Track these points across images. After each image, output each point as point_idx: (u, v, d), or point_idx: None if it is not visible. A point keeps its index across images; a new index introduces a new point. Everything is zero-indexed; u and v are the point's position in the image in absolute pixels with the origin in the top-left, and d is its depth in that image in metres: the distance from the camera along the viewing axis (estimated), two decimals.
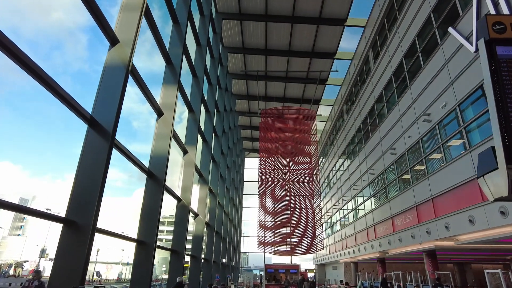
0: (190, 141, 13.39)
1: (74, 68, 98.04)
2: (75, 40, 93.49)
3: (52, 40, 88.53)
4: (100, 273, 31.21)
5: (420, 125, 12.74)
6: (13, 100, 71.78)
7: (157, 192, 9.21)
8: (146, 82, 8.58)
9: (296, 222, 22.82)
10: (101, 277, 32.79)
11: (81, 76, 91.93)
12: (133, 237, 8.64)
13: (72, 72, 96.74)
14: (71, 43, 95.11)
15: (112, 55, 7.02)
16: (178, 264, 11.52)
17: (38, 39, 65.09)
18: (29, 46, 15.96)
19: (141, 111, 61.69)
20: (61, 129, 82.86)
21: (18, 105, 75.05)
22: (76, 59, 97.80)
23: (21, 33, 16.53)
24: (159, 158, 9.62)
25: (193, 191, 16.39)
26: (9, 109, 75.29)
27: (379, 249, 17.36)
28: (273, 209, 23.16)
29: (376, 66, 18.30)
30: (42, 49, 79.46)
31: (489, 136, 8.87)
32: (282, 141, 24.99)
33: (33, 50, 75.19)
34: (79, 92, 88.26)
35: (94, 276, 31.49)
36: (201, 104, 14.43)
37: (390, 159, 15.74)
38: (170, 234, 71.10)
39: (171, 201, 12.02)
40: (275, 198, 23.28)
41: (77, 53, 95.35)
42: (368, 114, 19.47)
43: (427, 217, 12.13)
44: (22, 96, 76.38)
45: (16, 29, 13.04)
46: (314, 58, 23.75)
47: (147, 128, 24.72)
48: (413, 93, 13.56)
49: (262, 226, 22.33)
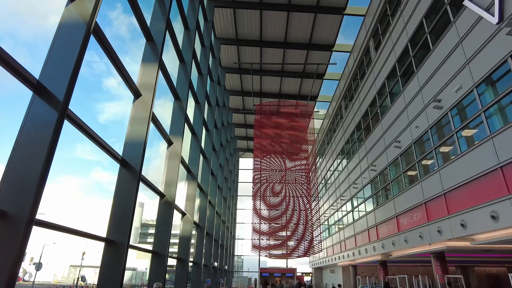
0: (176, 131, 12.07)
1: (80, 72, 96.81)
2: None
3: (49, 43, 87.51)
4: (86, 277, 29.58)
5: (429, 113, 11.59)
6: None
7: (132, 183, 7.88)
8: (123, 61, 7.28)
9: (292, 223, 21.54)
10: (87, 282, 31.17)
11: (81, 81, 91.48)
12: (101, 236, 7.30)
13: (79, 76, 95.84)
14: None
15: (70, 10, 5.74)
16: (160, 267, 10.16)
17: (36, 41, 63.70)
18: (27, 48, 15.10)
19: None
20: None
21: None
22: (85, 64, 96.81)
23: (19, 36, 16.06)
24: (135, 145, 8.29)
25: (180, 188, 15.11)
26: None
27: (381, 251, 16.12)
28: (268, 210, 21.86)
29: (377, 55, 17.21)
30: (40, 52, 78.27)
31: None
32: (278, 138, 23.75)
33: (31, 52, 74.13)
34: (80, 96, 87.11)
35: (79, 281, 29.82)
36: (188, 91, 13.14)
37: (394, 153, 14.56)
38: None
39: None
40: (268, 203, 21.98)
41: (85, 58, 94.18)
42: (369, 107, 18.33)
43: (438, 215, 10.93)
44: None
45: (14, 32, 12.40)
46: (312, 51, 22.63)
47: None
48: (420, 79, 12.42)
49: (257, 230, 20.99)
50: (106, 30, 6.75)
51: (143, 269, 45.68)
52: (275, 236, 21.05)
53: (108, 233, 7.34)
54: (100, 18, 6.36)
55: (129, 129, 8.48)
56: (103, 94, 62.60)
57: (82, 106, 5.71)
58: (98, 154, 36.32)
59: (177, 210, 13.05)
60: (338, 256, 25.21)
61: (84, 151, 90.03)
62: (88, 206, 72.45)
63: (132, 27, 9.84)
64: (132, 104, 8.82)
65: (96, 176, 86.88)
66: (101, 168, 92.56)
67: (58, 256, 42.30)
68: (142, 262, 45.87)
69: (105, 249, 7.23)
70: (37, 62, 5.42)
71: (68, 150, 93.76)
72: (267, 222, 21.12)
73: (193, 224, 14.13)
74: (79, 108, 5.90)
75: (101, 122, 63.64)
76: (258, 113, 23.91)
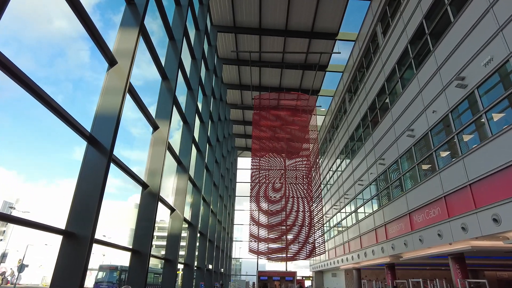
0: (162, 114, 10.67)
1: (76, 75, 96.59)
2: (77, 48, 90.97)
3: (54, 47, 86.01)
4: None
5: (450, 94, 10.21)
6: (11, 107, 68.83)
7: (100, 164, 6.46)
8: None
9: (293, 222, 20.07)
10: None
11: (83, 84, 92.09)
12: (60, 228, 5.87)
13: (74, 79, 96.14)
14: (73, 50, 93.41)
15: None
16: (140, 268, 8.70)
17: (41, 46, 63.01)
18: (32, 52, 14.39)
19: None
20: (57, 134, 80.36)
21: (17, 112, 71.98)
22: (78, 66, 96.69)
23: (24, 40, 15.44)
24: (106, 119, 6.88)
25: (168, 182, 13.69)
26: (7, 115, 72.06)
27: (391, 252, 14.66)
28: (266, 210, 20.41)
29: (385, 41, 15.88)
30: (44, 57, 77.17)
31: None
32: (278, 132, 22.35)
33: (35, 56, 72.93)
34: (80, 98, 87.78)
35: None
36: (178, 71, 11.75)
37: (407, 144, 13.16)
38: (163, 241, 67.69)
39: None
40: (268, 203, 20.55)
41: (79, 60, 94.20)
42: (377, 97, 16.96)
43: (462, 209, 9.51)
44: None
45: (18, 35, 11.89)
46: (314, 39, 21.32)
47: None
48: (438, 58, 11.06)
49: (254, 236, 19.53)
50: None
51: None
52: (274, 240, 19.63)
53: (67, 224, 5.91)
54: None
55: (100, 101, 7.07)
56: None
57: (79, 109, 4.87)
58: None
59: (165, 205, 11.62)
60: (341, 259, 23.70)
61: (82, 153, 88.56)
62: None
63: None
64: (105, 73, 7.43)
65: None
66: None
67: (52, 258, 40.65)
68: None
69: (63, 243, 5.80)
70: (42, 66, 5.73)
71: (67, 152, 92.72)
72: (265, 228, 19.72)
73: (183, 221, 12.66)
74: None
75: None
76: (257, 108, 22.54)
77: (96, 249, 45.25)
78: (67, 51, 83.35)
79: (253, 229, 19.79)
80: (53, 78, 79.83)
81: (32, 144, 73.09)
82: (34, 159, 79.68)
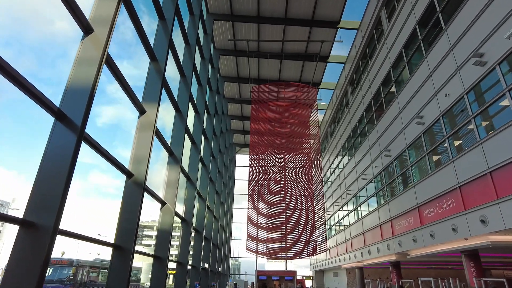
0: (150, 96, 9.73)
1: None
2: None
3: (57, 48, 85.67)
4: None
5: (466, 74, 9.29)
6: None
7: (69, 143, 5.52)
8: None
9: (292, 220, 19.16)
10: None
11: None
12: (17, 217, 4.93)
13: None
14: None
15: None
16: (123, 264, 7.77)
17: (42, 46, 62.06)
18: (34, 53, 13.91)
19: None
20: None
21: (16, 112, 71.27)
22: None
23: (25, 41, 15.16)
24: (78, 92, 5.96)
25: (159, 176, 12.80)
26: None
27: (398, 249, 13.74)
28: (266, 209, 19.50)
29: (391, 25, 14.97)
30: (47, 57, 76.65)
31: None
32: (278, 124, 21.45)
33: (38, 58, 72.19)
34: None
35: None
36: (168, 52, 10.82)
37: (415, 132, 12.25)
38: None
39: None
40: (266, 200, 19.63)
41: None
42: (382, 85, 16.04)
43: (480, 200, 8.59)
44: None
45: (19, 36, 11.52)
46: (315, 28, 20.39)
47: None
48: (451, 36, 10.14)
49: (254, 238, 18.63)
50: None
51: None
52: (274, 240, 18.74)
53: (28, 213, 4.97)
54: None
55: (72, 73, 6.14)
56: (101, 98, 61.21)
57: None
58: (95, 158, 34.73)
59: (154, 198, 10.69)
60: (344, 257, 22.78)
61: (81, 154, 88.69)
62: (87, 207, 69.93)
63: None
64: (80, 42, 6.50)
65: (93, 179, 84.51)
66: (99, 171, 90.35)
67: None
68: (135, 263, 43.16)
69: (19, 234, 4.86)
70: (44, 66, 5.55)
71: None
72: (263, 230, 18.83)
73: (174, 215, 11.72)
74: None
75: (99, 126, 61.60)
76: (255, 101, 21.62)
77: (91, 248, 44.25)
78: (69, 52, 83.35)
79: (250, 228, 18.91)
80: (55, 79, 79.59)
81: (32, 144, 72.42)
82: (34, 159, 78.99)
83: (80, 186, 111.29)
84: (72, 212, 61.90)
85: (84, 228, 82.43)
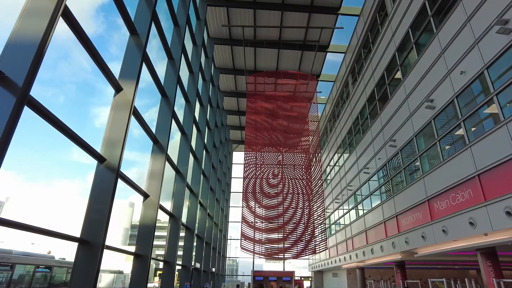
0: (128, 73, 8.58)
1: (79, 77, 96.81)
2: (81, 50, 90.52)
3: (59, 50, 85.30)
4: None
5: (486, 46, 8.19)
6: None
7: (5, 105, 4.38)
8: None
9: (291, 218, 18.02)
10: None
11: (86, 87, 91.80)
12: None
13: (77, 81, 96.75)
14: (78, 52, 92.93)
15: None
16: (90, 261, 6.61)
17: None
18: None
19: None
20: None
21: None
22: (81, 69, 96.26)
23: None
24: (22, 47, 4.82)
25: (144, 165, 11.59)
26: None
27: (404, 247, 12.63)
28: (261, 209, 18.37)
29: (395, 6, 13.89)
30: (49, 59, 76.82)
31: None
32: (275, 115, 20.33)
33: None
34: (82, 100, 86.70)
35: None
36: (151, 25, 9.67)
37: (425, 118, 11.15)
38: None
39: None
40: (262, 200, 18.51)
41: (83, 63, 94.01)
42: (386, 71, 14.94)
43: (505, 189, 7.48)
44: None
45: None
46: (314, 14, 19.30)
47: None
48: (467, 7, 9.06)
49: (250, 238, 17.49)
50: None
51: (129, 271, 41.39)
52: (270, 241, 17.61)
53: None
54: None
55: (17, 24, 5.00)
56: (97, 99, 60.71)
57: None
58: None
59: (135, 189, 9.52)
60: (344, 257, 21.64)
61: (80, 155, 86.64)
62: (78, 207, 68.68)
63: None
64: None
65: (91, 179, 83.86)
66: None
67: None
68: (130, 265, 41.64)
69: None
70: (47, 68, 4.57)
71: (65, 153, 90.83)
72: (259, 231, 17.70)
73: (158, 208, 10.56)
74: None
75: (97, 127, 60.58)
76: (251, 93, 20.50)
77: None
78: (71, 53, 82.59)
79: (245, 227, 17.77)
80: (57, 80, 78.36)
81: (32, 144, 71.17)
82: (33, 160, 77.71)
83: (80, 186, 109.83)
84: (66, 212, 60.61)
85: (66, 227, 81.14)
